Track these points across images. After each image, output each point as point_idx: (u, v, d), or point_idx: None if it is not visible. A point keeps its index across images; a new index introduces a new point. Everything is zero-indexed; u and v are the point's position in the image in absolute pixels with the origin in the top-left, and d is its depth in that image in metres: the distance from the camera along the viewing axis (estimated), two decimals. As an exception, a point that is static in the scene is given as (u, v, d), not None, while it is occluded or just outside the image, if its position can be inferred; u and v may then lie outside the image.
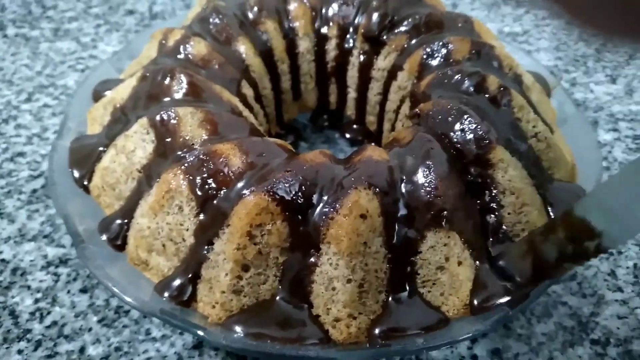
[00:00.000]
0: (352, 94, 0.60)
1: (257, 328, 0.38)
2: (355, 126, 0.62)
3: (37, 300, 0.48)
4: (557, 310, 0.47)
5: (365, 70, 0.57)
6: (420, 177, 0.39)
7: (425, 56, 0.51)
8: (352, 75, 0.58)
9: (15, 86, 0.71)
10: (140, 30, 0.82)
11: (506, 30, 0.84)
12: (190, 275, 0.40)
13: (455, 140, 0.41)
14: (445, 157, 0.40)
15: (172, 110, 0.43)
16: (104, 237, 0.44)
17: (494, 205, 0.40)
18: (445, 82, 0.47)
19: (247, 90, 0.52)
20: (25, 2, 0.88)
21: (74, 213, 0.44)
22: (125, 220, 0.44)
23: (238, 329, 0.38)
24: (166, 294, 0.40)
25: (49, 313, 0.47)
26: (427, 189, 0.39)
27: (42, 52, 0.77)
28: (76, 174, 0.48)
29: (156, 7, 0.87)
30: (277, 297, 0.39)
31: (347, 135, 0.63)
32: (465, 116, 0.42)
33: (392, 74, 0.54)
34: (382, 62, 0.55)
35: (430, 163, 0.39)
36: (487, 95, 0.45)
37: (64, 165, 0.48)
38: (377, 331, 0.38)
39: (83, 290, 0.49)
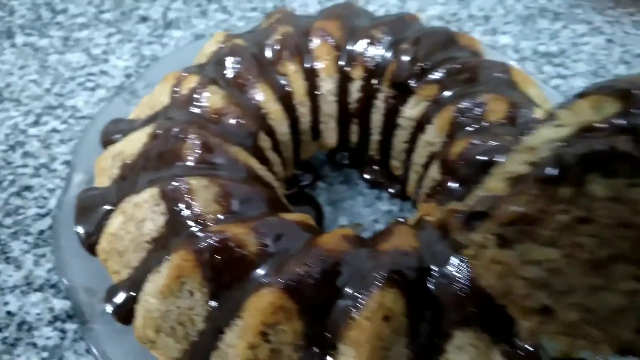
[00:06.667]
0: (375, 136, 0.56)
1: None
2: (377, 167, 0.59)
3: (43, 360, 0.46)
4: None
5: (391, 116, 0.53)
6: (454, 269, 0.36)
7: (457, 114, 0.47)
8: (377, 119, 0.54)
9: (24, 106, 0.68)
10: (153, 41, 0.78)
11: (541, 49, 0.78)
12: (199, 364, 0.38)
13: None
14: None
15: (185, 183, 0.40)
16: (110, 309, 0.42)
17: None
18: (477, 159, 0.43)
19: (264, 143, 0.49)
20: (35, 5, 0.84)
21: (79, 282, 0.43)
22: (132, 294, 0.41)
23: None
24: (174, 381, 0.38)
25: (55, 376, 0.45)
26: (461, 283, 0.36)
27: (50, 65, 0.73)
28: (81, 230, 0.46)
29: (171, 13, 0.83)
30: (291, 396, 0.37)
31: (368, 177, 0.59)
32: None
33: (420, 125, 0.50)
34: (410, 111, 0.52)
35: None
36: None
37: (71, 220, 0.46)
38: None
39: (89, 351, 0.47)
